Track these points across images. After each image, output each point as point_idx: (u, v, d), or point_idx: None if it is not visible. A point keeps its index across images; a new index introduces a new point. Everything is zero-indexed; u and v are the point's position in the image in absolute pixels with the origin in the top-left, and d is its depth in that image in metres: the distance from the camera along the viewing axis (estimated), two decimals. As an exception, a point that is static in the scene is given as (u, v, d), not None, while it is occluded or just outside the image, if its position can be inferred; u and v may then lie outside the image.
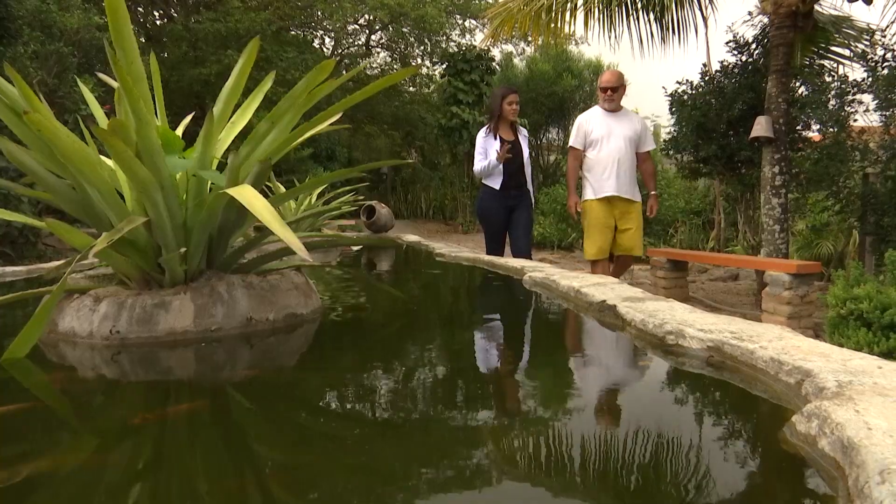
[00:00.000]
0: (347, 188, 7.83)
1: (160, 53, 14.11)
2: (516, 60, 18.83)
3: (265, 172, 1.74)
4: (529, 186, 5.15)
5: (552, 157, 18.67)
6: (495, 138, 4.93)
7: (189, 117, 2.65)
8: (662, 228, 11.63)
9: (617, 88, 4.89)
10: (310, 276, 3.43)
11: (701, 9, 6.82)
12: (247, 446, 1.17)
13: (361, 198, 8.34)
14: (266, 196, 1.89)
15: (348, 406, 1.38)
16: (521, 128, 5.17)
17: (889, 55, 5.52)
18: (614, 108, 4.92)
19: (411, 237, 7.46)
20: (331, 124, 2.32)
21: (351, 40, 18.95)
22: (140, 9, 15.81)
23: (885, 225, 5.61)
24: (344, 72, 14.70)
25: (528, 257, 4.85)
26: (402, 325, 2.41)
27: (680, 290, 6.33)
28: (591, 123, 4.91)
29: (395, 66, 18.56)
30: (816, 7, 6.04)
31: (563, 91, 17.16)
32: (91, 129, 1.55)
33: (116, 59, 1.53)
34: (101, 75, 2.29)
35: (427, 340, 2.11)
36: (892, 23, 5.56)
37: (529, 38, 9.05)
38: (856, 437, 0.85)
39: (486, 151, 4.93)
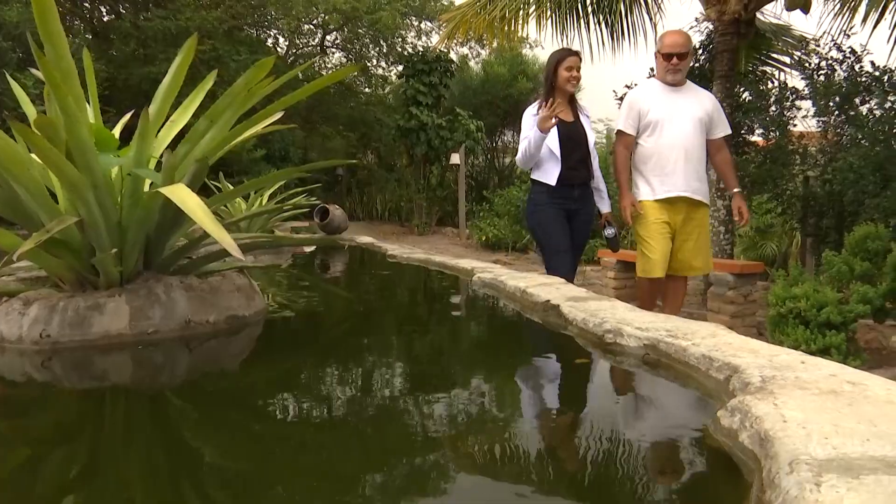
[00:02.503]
0: (300, 189, 7.74)
1: (108, 51, 13.73)
2: (472, 63, 18.93)
3: (202, 172, 1.70)
4: (601, 187, 3.84)
5: (507, 160, 18.82)
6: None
7: (128, 115, 2.58)
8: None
9: (686, 55, 3.66)
10: (260, 277, 3.39)
11: (650, 14, 6.97)
12: (185, 451, 1.14)
13: (314, 199, 8.25)
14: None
15: (289, 409, 1.37)
16: (582, 105, 3.85)
17: (824, 63, 5.73)
18: (680, 82, 3.69)
19: (365, 239, 7.41)
20: (274, 124, 2.29)
21: (305, 40, 18.77)
22: (87, 4, 15.37)
23: (824, 226, 5.81)
24: (300, 74, 14.55)
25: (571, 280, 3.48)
26: (347, 327, 2.39)
27: (630, 290, 6.45)
28: (648, 100, 3.66)
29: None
30: (758, 15, 6.24)
31: (518, 94, 17.31)
32: (13, 127, 1.49)
33: (41, 54, 1.48)
34: (34, 71, 2.21)
35: (371, 342, 2.09)
36: (825, 33, 5.77)
37: (485, 42, 9.12)
38: (772, 429, 0.88)
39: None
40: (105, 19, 15.69)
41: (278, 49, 17.94)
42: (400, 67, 16.15)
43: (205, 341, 1.91)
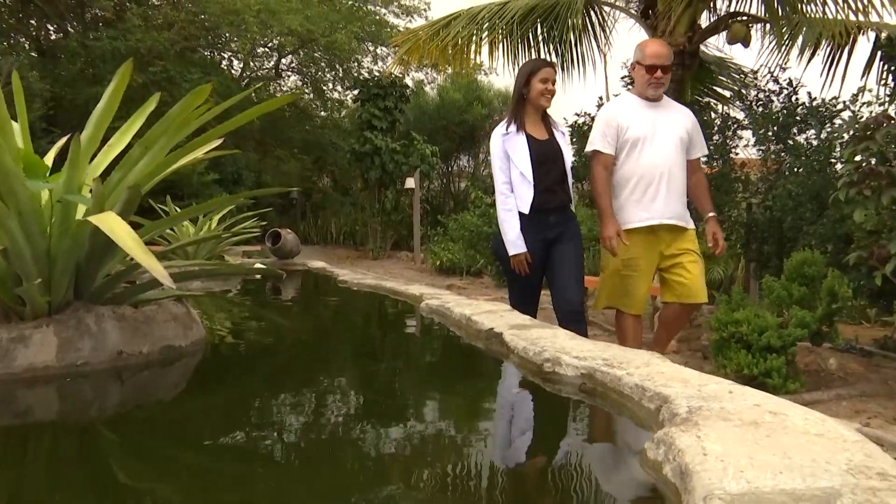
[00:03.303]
0: (251, 213, 7.63)
1: (54, 70, 13.41)
2: (427, 88, 19.10)
3: (135, 199, 1.66)
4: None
5: (462, 184, 18.94)
6: (517, 132, 3.15)
7: (63, 140, 2.50)
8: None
9: (670, 68, 3.31)
10: (207, 304, 3.31)
11: (598, 45, 7.14)
12: (111, 489, 1.10)
13: (264, 223, 8.13)
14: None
15: (221, 443, 1.33)
16: (556, 121, 3.42)
17: (761, 95, 5.96)
18: (660, 97, 3.32)
19: (318, 263, 7.34)
20: (222, 148, 2.26)
21: (260, 63, 18.67)
22: (33, 22, 15.01)
23: (766, 252, 5.99)
24: (253, 95, 14.41)
25: (581, 315, 3.18)
26: (287, 357, 2.35)
27: (580, 314, 6.50)
28: (626, 116, 3.24)
29: (306, 90, 18.42)
30: (702, 47, 6.45)
31: (473, 119, 17.51)
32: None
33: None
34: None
35: (310, 374, 2.06)
36: (762, 66, 6.00)
37: (439, 68, 9.21)
38: (692, 462, 0.89)
39: (510, 161, 3.14)
40: (52, 38, 15.34)
41: (233, 71, 17.80)
42: (356, 92, 16.17)
43: (137, 373, 1.86)
